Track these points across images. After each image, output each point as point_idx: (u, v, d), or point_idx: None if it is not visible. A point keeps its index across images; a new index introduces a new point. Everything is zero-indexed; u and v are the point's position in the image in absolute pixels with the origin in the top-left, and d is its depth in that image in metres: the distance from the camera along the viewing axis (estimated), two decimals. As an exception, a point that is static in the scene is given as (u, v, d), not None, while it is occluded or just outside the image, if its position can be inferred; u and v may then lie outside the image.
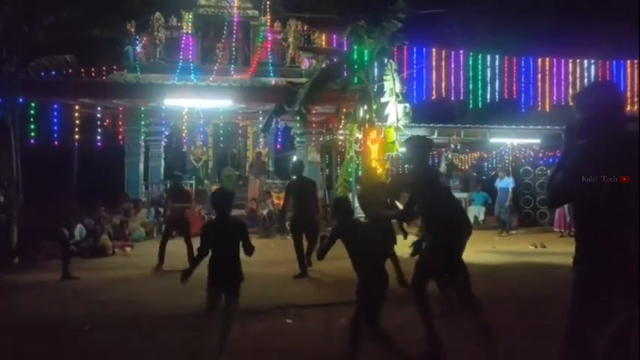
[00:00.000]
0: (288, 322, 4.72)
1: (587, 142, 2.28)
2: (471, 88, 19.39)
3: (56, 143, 13.16)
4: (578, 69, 19.81)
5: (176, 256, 9.12)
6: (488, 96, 19.62)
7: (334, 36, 17.22)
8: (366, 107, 11.42)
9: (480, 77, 19.34)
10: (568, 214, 11.69)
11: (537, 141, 15.75)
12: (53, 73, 12.91)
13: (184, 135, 15.36)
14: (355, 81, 11.07)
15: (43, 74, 12.69)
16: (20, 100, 11.57)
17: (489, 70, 19.50)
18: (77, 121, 13.24)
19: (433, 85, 18.87)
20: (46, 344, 4.57)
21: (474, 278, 4.47)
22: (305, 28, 16.27)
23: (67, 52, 12.85)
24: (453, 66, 18.94)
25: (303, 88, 10.80)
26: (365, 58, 10.88)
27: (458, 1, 17.88)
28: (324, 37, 17.10)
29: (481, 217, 14.51)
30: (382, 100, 11.09)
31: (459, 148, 17.29)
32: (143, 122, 14.83)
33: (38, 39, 11.88)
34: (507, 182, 13.41)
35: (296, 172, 8.26)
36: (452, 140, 16.26)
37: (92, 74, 14.40)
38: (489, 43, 18.80)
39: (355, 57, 10.89)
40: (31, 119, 12.42)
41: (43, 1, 11.77)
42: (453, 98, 19.38)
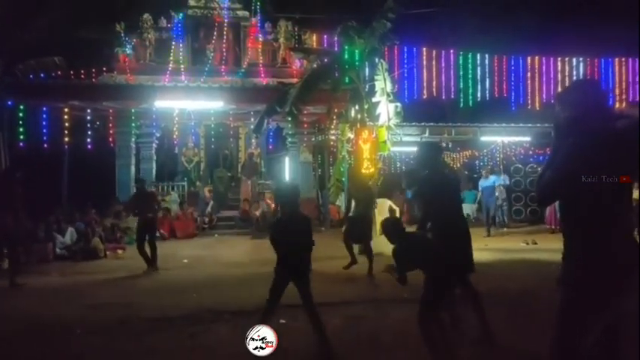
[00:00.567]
0: (282, 322, 4.70)
1: (572, 140, 2.30)
2: (461, 86, 19.54)
3: (46, 146, 13.04)
4: (567, 67, 20.02)
5: (166, 258, 9.13)
6: (479, 94, 19.79)
7: (325, 36, 17.24)
8: (357, 107, 11.42)
9: (471, 76, 19.49)
10: (559, 210, 11.74)
11: (527, 139, 15.87)
12: (42, 75, 12.80)
13: (176, 136, 15.25)
14: (346, 81, 11.06)
15: (31, 77, 12.58)
16: (8, 103, 11.47)
17: (479, 68, 19.67)
18: (67, 124, 13.11)
19: (424, 84, 18.99)
20: (37, 348, 4.54)
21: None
22: (296, 29, 16.27)
23: (55, 54, 12.75)
24: (443, 65, 19.07)
25: (294, 88, 10.77)
26: (356, 58, 10.87)
27: (447, 1, 17.96)
28: (314, 38, 17.12)
29: (473, 215, 14.61)
30: (373, 99, 11.09)
31: (450, 146, 17.40)
32: (134, 124, 14.71)
33: (25, 41, 11.78)
34: (493, 180, 13.38)
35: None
36: (443, 139, 16.34)
37: (81, 76, 14.26)
38: (479, 42, 18.91)
39: (346, 57, 10.87)
40: (20, 122, 12.31)
41: (31, 2, 11.67)
42: (443, 97, 19.50)
